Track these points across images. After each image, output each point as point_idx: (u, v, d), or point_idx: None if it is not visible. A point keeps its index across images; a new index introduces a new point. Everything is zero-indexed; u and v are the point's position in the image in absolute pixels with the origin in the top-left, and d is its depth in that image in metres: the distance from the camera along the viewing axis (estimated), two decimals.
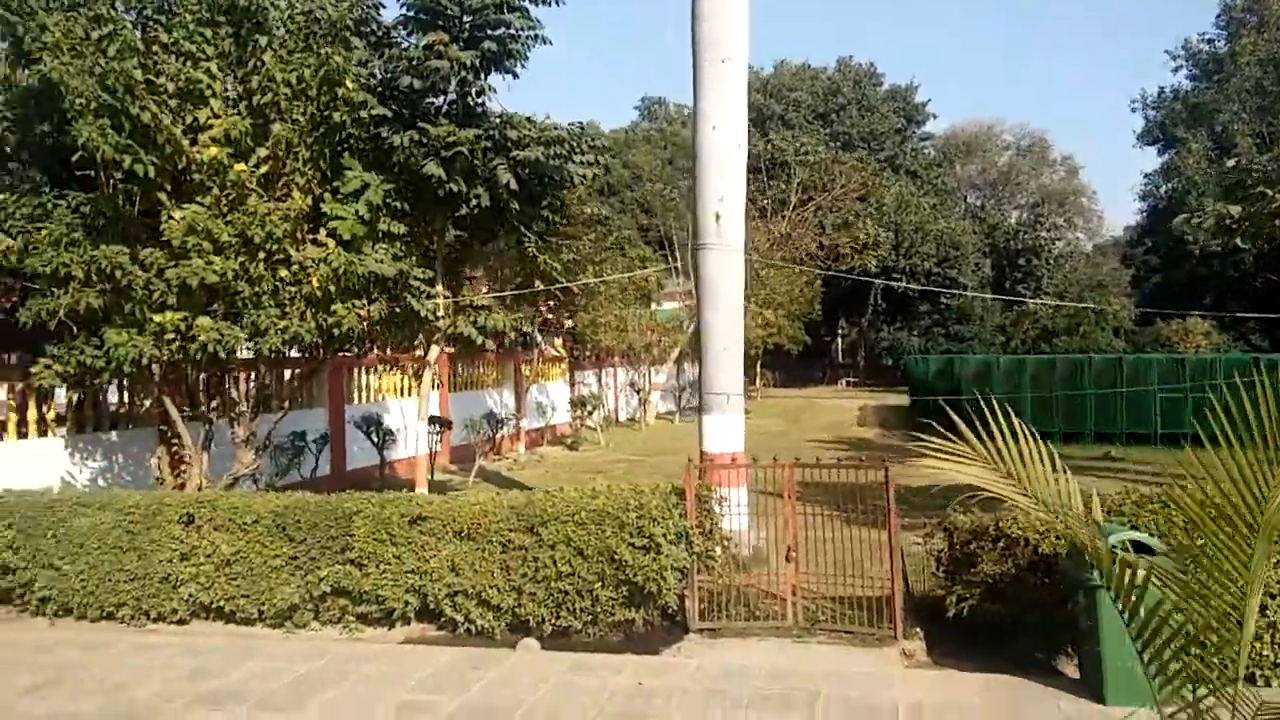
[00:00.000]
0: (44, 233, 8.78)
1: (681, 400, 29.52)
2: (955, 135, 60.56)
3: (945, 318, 49.22)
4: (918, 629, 7.12)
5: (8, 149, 9.66)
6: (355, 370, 15.98)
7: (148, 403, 11.49)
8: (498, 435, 17.72)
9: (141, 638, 7.36)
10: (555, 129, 10.91)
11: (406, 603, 7.24)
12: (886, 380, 46.95)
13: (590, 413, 22.25)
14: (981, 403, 3.14)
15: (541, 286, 11.40)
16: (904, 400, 31.36)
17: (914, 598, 7.66)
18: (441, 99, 11.02)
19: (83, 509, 7.76)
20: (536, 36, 10.98)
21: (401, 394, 17.10)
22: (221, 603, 7.46)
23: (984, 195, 60.90)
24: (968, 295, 42.96)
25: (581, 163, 11.07)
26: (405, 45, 10.95)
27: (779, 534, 7.73)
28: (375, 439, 14.57)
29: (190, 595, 7.48)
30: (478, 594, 7.10)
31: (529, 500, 7.31)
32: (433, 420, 15.72)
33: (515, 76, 11.30)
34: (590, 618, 7.03)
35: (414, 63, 10.44)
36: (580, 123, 11.23)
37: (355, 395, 16.03)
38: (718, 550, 7.47)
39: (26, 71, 9.08)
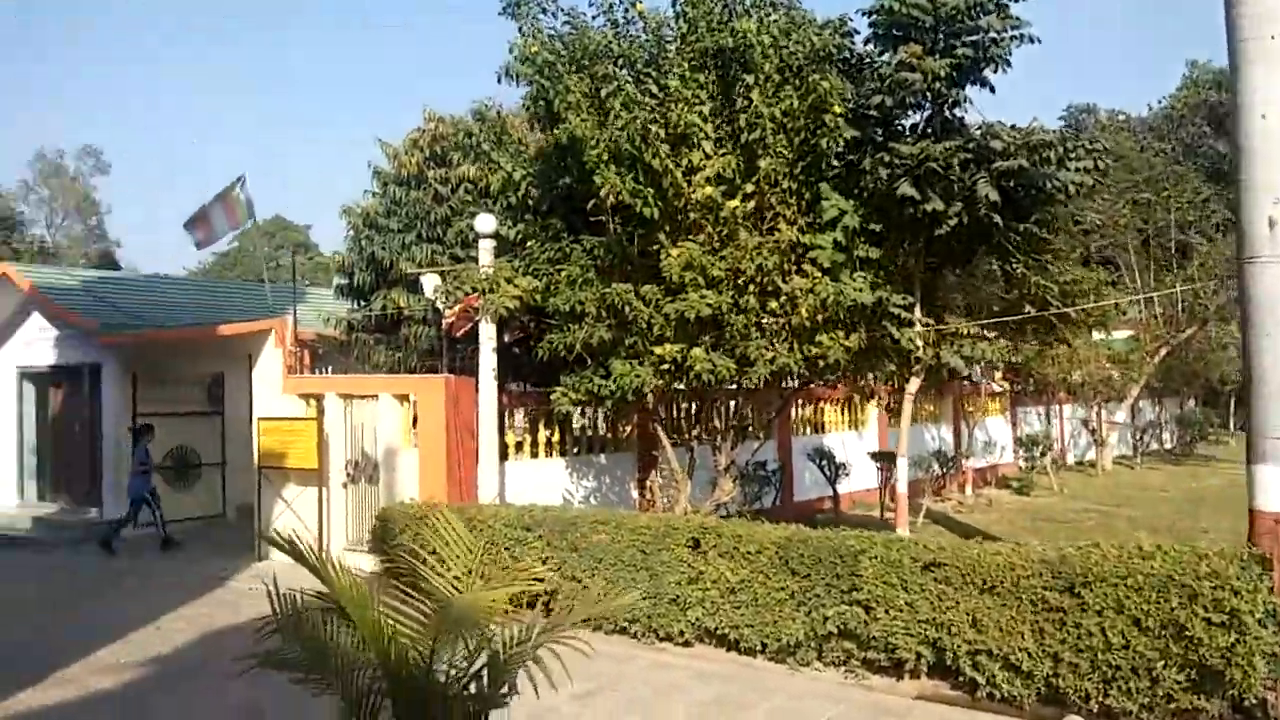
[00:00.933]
0: (564, 274, 9.78)
1: (1140, 443, 25.79)
2: None
3: None
4: None
5: (530, 202, 10.99)
6: (800, 402, 15.97)
7: (629, 429, 12.41)
8: (946, 474, 16.64)
9: (654, 655, 7.65)
10: (1042, 132, 9.83)
11: (919, 655, 6.69)
12: None
13: (1042, 454, 20.16)
14: None
15: (1032, 312, 10.33)
16: None
17: None
18: (916, 115, 10.54)
19: (600, 526, 8.33)
20: (1020, 36, 10.06)
21: (840, 427, 16.77)
22: (726, 630, 7.51)
23: None
24: None
25: (1077, 169, 9.87)
26: (876, 65, 10.64)
27: None
28: (828, 472, 14.35)
29: (697, 619, 7.64)
30: (1004, 656, 6.34)
31: (1063, 556, 6.41)
32: (879, 455, 15.17)
33: (992, 91, 10.48)
34: (1147, 700, 5.93)
35: (885, 81, 10.07)
36: (1074, 123, 10.05)
37: (798, 427, 16.02)
38: None
39: (552, 132, 10.25)
